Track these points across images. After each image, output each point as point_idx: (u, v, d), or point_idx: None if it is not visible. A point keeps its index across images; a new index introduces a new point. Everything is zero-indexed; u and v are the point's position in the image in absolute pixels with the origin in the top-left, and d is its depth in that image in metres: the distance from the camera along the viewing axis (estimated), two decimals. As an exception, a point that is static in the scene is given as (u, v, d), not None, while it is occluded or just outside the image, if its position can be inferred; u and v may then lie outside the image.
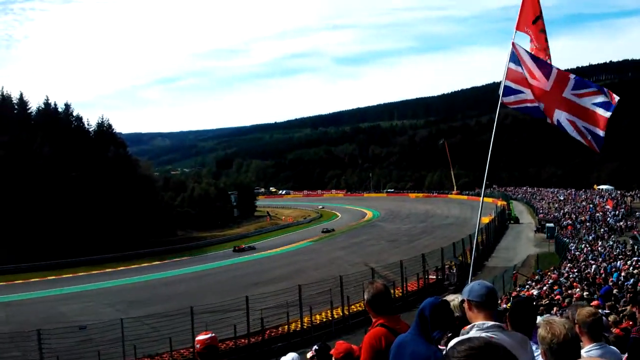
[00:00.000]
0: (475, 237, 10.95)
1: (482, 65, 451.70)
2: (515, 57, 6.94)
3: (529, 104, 6.97)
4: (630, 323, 6.54)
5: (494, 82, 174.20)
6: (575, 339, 2.55)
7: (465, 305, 3.14)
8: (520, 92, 6.94)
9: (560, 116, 6.72)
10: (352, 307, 25.43)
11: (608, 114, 6.46)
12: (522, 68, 6.90)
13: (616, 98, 6.44)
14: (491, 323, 2.90)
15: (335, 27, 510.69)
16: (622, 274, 19.33)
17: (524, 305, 3.53)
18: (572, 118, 6.64)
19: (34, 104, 63.43)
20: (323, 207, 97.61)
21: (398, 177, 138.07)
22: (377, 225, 69.47)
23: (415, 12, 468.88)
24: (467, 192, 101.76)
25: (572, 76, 6.76)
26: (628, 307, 8.78)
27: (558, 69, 6.79)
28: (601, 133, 6.51)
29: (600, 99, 6.50)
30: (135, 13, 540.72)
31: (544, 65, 6.82)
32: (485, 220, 47.71)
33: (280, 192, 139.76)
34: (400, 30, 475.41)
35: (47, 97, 67.24)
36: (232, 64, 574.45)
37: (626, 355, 4.24)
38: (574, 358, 2.42)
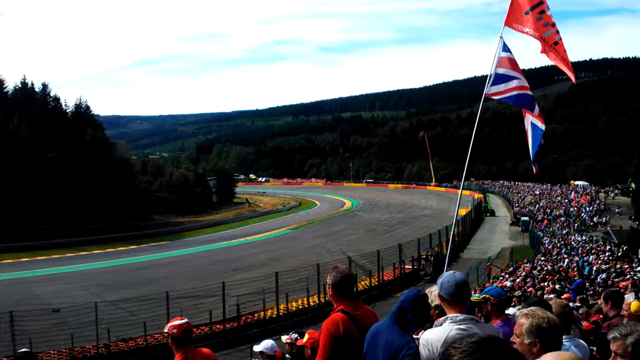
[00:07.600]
0: (452, 229, 10.92)
1: (464, 59, 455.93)
2: (507, 48, 6.91)
3: (517, 92, 6.91)
4: (601, 317, 6.68)
5: (475, 77, 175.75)
6: (560, 324, 2.57)
7: (439, 298, 3.19)
8: (515, 78, 6.89)
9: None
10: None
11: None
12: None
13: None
14: (464, 316, 2.95)
15: (319, 15, 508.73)
16: (594, 268, 19.75)
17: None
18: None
19: (11, 83, 62.17)
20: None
21: (378, 167, 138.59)
22: (355, 214, 69.67)
23: (398, 3, 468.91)
24: (445, 184, 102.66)
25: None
26: (598, 301, 8.96)
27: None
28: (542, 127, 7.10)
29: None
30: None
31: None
32: (462, 212, 48.18)
33: (260, 179, 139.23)
34: (383, 21, 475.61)
35: (24, 76, 65.84)
36: (214, 48, 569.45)
37: (596, 348, 4.34)
38: (559, 345, 2.44)
